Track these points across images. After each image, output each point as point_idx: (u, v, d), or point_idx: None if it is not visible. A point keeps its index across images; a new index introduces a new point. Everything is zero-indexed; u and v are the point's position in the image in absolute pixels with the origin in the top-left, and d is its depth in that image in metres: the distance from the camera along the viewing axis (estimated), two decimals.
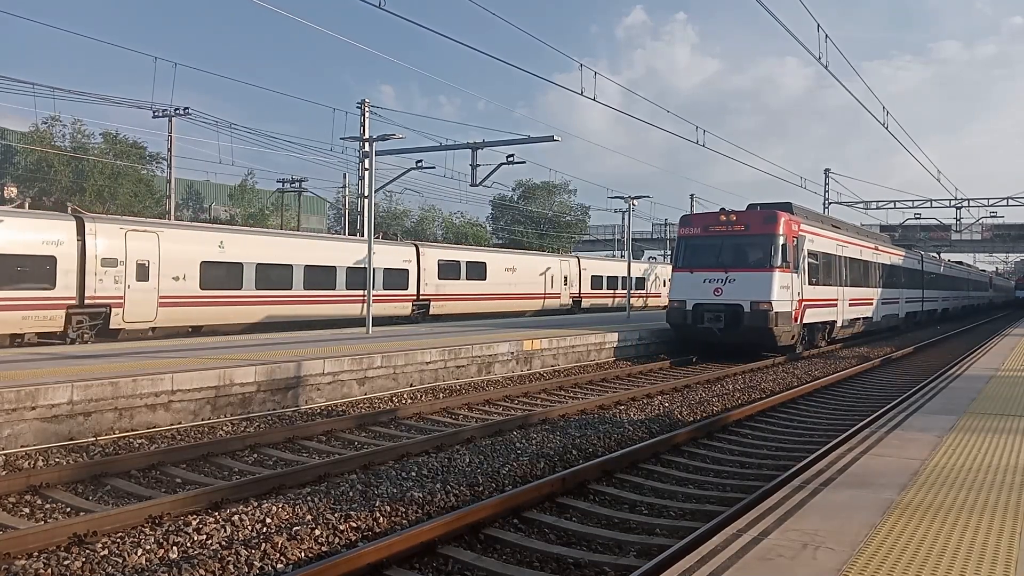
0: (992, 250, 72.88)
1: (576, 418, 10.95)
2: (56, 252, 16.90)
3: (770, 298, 18.13)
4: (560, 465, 8.34)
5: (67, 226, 17.31)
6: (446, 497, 6.99)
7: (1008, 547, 3.86)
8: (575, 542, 5.99)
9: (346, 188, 45.55)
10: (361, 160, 30.01)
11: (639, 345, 19.71)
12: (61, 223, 17.31)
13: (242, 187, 46.75)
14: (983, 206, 50.56)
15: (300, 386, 11.47)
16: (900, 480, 5.16)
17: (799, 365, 18.70)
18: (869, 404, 12.75)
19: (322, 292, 23.15)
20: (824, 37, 18.06)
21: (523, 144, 24.48)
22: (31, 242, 16.59)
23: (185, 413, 10.07)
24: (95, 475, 7.45)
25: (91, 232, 17.63)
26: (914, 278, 33.80)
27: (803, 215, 21.24)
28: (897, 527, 4.16)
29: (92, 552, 5.40)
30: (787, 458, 8.87)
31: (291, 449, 8.98)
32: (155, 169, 39.57)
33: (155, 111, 31.52)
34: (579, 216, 69.15)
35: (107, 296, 17.79)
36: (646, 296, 42.56)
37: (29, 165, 37.04)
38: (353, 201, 40.87)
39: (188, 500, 6.43)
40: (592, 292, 37.90)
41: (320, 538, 5.82)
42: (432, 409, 11.42)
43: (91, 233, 17.62)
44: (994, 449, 6.16)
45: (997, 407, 8.33)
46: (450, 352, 14.24)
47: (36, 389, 8.62)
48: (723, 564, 3.60)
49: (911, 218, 54.07)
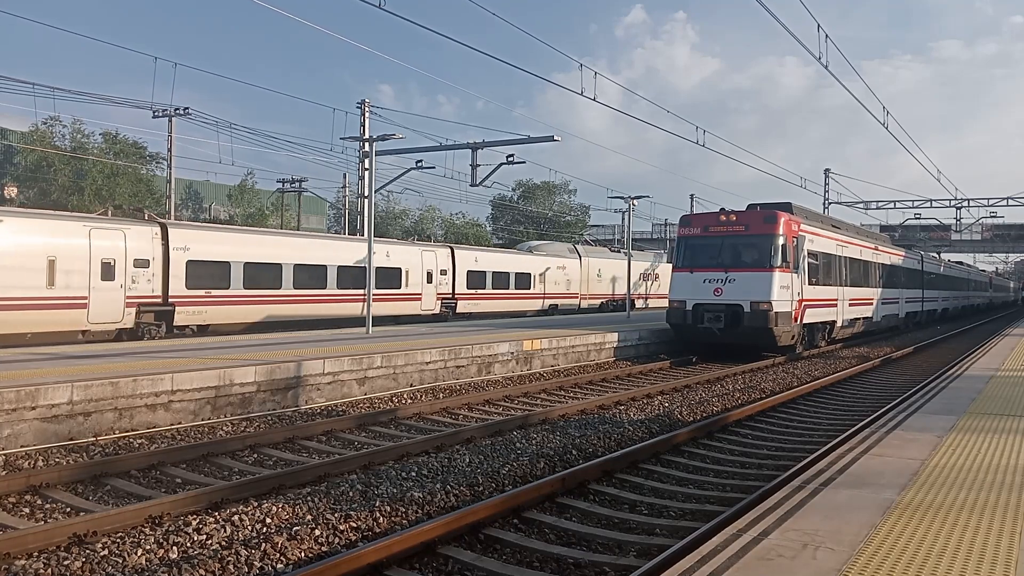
0: (992, 250, 72.83)
1: (576, 418, 10.95)
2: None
3: (770, 298, 18.14)
4: (560, 465, 8.35)
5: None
6: (446, 497, 6.99)
7: (1008, 547, 3.86)
8: (575, 542, 5.99)
9: (346, 188, 45.58)
10: (361, 160, 30.02)
11: (639, 345, 19.71)
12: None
13: (242, 187, 46.76)
14: (983, 206, 50.60)
15: (300, 386, 11.48)
16: (900, 480, 5.16)
17: (799, 365, 18.71)
18: (869, 404, 12.75)
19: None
20: (824, 37, 18.09)
21: (523, 144, 24.48)
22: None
23: (185, 413, 10.07)
24: (95, 475, 7.44)
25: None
26: (914, 278, 33.80)
27: (803, 215, 21.25)
28: (897, 527, 4.16)
29: (92, 552, 5.40)
30: (787, 458, 8.87)
31: (291, 449, 8.98)
32: (155, 169, 39.60)
33: (155, 111, 31.54)
34: (579, 216, 69.23)
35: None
36: (566, 297, 35.22)
37: (29, 165, 37.06)
38: (353, 201, 40.87)
39: (188, 500, 6.43)
40: (476, 292, 29.61)
41: (320, 538, 5.82)
42: (432, 409, 11.42)
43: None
44: (994, 449, 6.16)
45: (997, 407, 8.33)
46: (450, 352, 14.24)
47: (36, 389, 8.62)
48: (723, 564, 3.60)
49: (911, 218, 54.13)
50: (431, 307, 27.05)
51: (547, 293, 33.99)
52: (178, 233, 19.60)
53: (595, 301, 37.58)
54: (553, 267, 34.59)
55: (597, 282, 37.88)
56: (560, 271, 35.03)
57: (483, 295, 29.86)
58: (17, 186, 39.25)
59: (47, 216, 17.94)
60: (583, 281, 36.76)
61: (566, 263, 35.76)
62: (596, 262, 38.29)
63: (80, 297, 17.19)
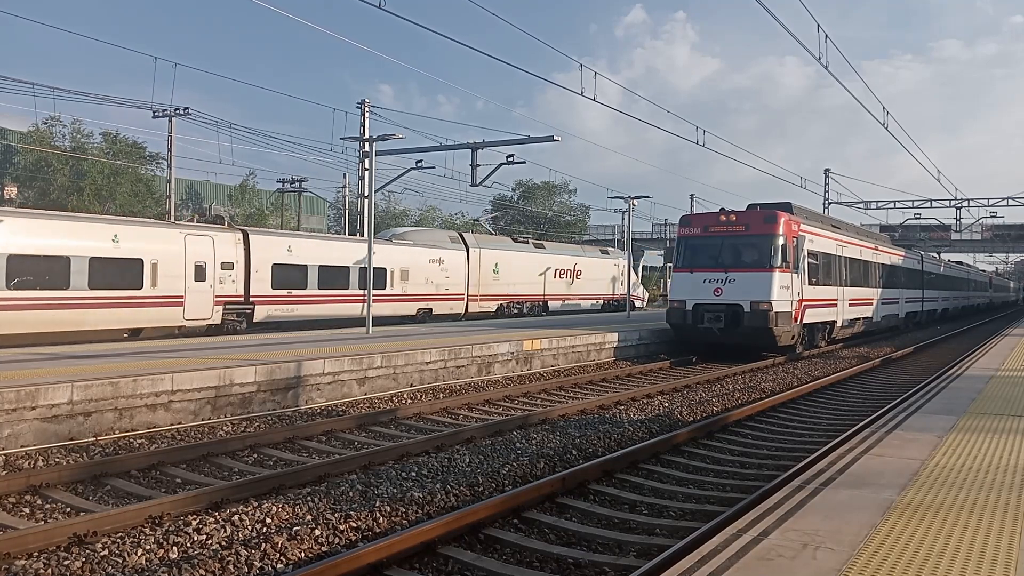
0: (992, 250, 72.82)
1: (576, 418, 10.95)
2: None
3: (770, 298, 18.14)
4: (560, 465, 8.34)
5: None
6: (446, 497, 6.99)
7: (1008, 547, 3.86)
8: (575, 542, 5.99)
9: (346, 188, 45.58)
10: (361, 160, 30.03)
11: (639, 345, 19.72)
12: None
13: (242, 187, 46.79)
14: (983, 206, 50.58)
15: (300, 386, 11.48)
16: (900, 480, 5.16)
17: (799, 365, 18.71)
18: (869, 404, 12.75)
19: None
20: (824, 37, 18.09)
21: (523, 144, 24.51)
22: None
23: (185, 413, 10.07)
24: (95, 475, 7.44)
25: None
26: (914, 278, 33.80)
27: (803, 215, 21.25)
28: (897, 527, 4.16)
29: (92, 552, 5.40)
30: (787, 458, 8.87)
31: (291, 449, 8.98)
32: (155, 169, 39.62)
33: (155, 111, 31.55)
34: (579, 216, 69.28)
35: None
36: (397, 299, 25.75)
37: (29, 165, 37.07)
38: (353, 201, 40.87)
39: (188, 500, 6.43)
40: (289, 295, 22.23)
41: (320, 538, 5.82)
42: (432, 409, 11.42)
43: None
44: (994, 449, 6.16)
45: (997, 407, 8.33)
46: (450, 352, 14.24)
47: (36, 389, 8.62)
48: (723, 564, 3.60)
49: (911, 218, 54.10)
50: (202, 315, 19.89)
51: (413, 295, 26.31)
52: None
53: (490, 304, 30.15)
54: (423, 260, 26.80)
55: (494, 280, 30.21)
56: (435, 266, 27.27)
57: (301, 298, 22.52)
58: (17, 186, 39.28)
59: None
60: (473, 279, 29.20)
61: (445, 255, 27.89)
62: (493, 255, 30.40)
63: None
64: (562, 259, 34.80)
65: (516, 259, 31.56)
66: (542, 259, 33.50)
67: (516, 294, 31.52)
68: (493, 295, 30.35)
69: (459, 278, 28.56)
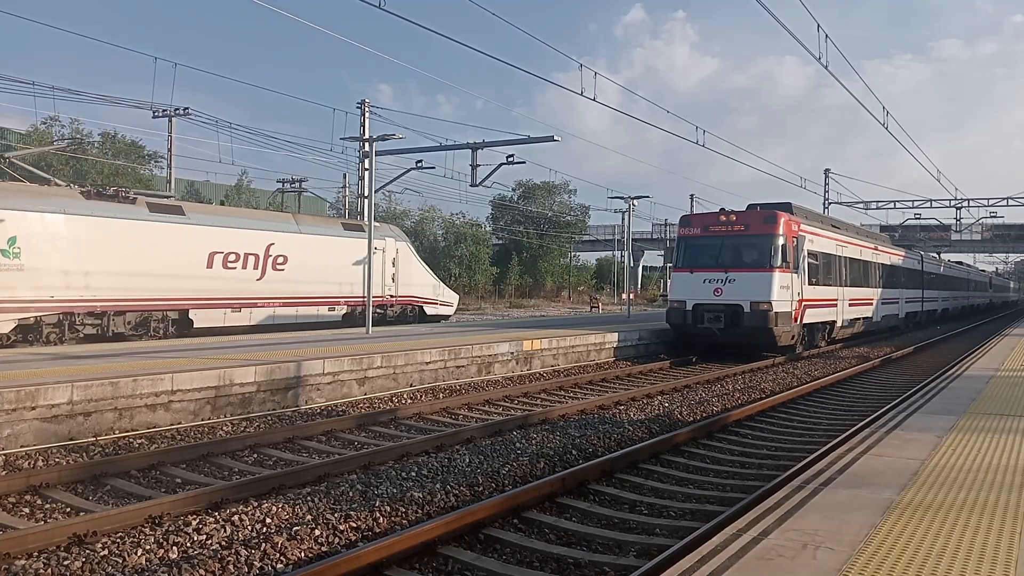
0: (992, 250, 72.91)
1: (576, 418, 10.95)
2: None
3: (770, 298, 18.14)
4: (560, 465, 8.34)
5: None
6: (446, 497, 6.99)
7: (1008, 547, 3.86)
8: (575, 542, 5.99)
9: (346, 188, 45.54)
10: (361, 160, 29.98)
11: (639, 345, 19.71)
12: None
13: (238, 187, 46.85)
14: (983, 206, 50.54)
15: (300, 386, 11.48)
16: (900, 480, 5.16)
17: (799, 365, 18.71)
18: (869, 404, 12.75)
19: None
20: (824, 36, 18.09)
21: (523, 144, 24.49)
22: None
23: (185, 413, 10.07)
24: (95, 475, 7.44)
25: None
26: (914, 278, 33.80)
27: (803, 215, 21.25)
28: (897, 527, 4.16)
29: (92, 552, 5.39)
30: (787, 458, 8.87)
31: (291, 449, 8.98)
32: (154, 168, 39.63)
33: (155, 111, 31.55)
34: (579, 216, 69.23)
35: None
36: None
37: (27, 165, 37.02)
38: (353, 201, 40.85)
39: (188, 500, 6.43)
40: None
41: (320, 538, 5.82)
42: (432, 409, 11.42)
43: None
44: (994, 449, 6.16)
45: (997, 407, 8.33)
46: (450, 352, 14.24)
47: (36, 389, 8.62)
48: (723, 564, 3.60)
49: (911, 218, 54.07)
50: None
51: None
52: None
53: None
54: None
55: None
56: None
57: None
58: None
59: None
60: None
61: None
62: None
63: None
64: (230, 233, 19.46)
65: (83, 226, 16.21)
66: (163, 231, 17.76)
67: (89, 298, 16.46)
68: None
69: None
